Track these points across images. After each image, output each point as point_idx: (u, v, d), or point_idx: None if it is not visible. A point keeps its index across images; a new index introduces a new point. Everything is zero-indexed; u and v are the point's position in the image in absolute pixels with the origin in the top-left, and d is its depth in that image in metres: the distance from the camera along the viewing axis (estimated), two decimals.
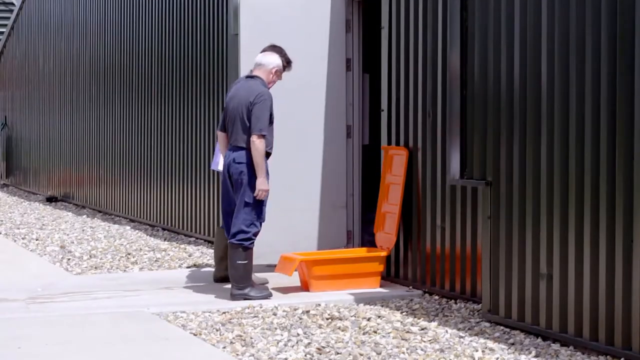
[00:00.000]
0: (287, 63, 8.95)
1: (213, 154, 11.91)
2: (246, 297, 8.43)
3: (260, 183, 8.45)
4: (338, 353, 6.64)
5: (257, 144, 8.43)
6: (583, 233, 6.60)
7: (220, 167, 8.97)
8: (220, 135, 8.86)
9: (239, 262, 8.47)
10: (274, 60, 8.77)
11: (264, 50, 8.94)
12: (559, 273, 6.82)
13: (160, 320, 7.78)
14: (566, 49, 6.76)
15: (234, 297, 8.47)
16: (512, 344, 6.90)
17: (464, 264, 8.31)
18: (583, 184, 6.61)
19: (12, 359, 6.57)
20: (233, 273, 8.50)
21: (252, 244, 8.52)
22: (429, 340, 7.01)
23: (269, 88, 8.67)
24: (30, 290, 9.02)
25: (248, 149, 8.50)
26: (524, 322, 7.17)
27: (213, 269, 9.72)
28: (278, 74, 8.79)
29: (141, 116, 14.59)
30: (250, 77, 8.76)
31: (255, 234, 8.51)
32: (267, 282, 8.88)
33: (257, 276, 8.94)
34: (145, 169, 14.47)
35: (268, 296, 8.48)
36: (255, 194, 8.45)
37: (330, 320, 7.68)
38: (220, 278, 9.22)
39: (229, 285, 9.09)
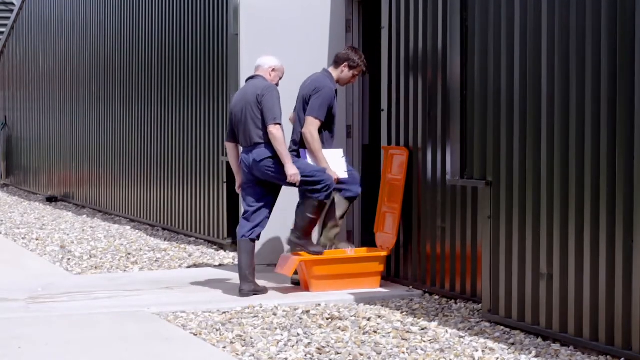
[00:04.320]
0: (365, 67, 9.18)
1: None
2: (304, 248, 8.76)
3: (289, 169, 8.56)
4: (338, 353, 6.65)
5: (275, 133, 8.54)
6: (583, 233, 6.61)
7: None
8: (229, 146, 8.94)
9: (309, 215, 8.73)
10: (270, 60, 8.87)
11: (345, 51, 9.17)
12: (559, 273, 6.82)
13: (160, 320, 7.78)
14: (566, 49, 6.76)
15: (289, 242, 8.87)
16: (513, 344, 6.90)
17: (464, 264, 8.31)
18: (583, 184, 6.61)
19: (12, 358, 6.57)
20: (299, 222, 8.80)
21: (328, 197, 8.73)
22: (429, 340, 7.01)
23: None
24: (31, 290, 9.02)
25: (266, 143, 8.60)
26: (524, 322, 7.18)
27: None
28: (277, 72, 8.86)
29: (141, 116, 14.59)
30: (251, 77, 8.87)
31: (328, 184, 8.69)
32: (266, 292, 8.81)
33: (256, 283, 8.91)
34: (145, 169, 14.47)
35: (321, 253, 8.80)
36: (288, 181, 8.62)
37: (330, 320, 7.68)
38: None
39: (229, 284, 9.12)
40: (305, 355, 6.61)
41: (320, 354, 6.63)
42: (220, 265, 10.54)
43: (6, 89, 23.47)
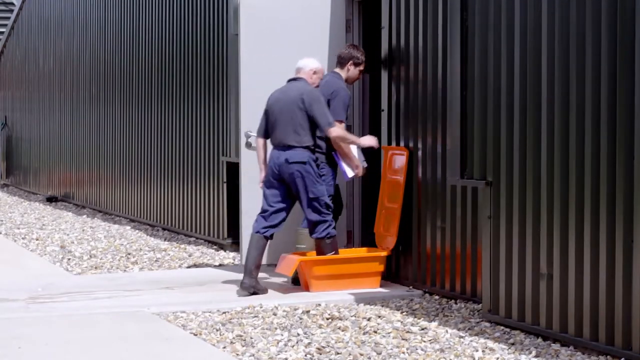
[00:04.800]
0: (363, 61, 9.37)
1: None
2: None
3: (363, 140, 8.95)
4: (338, 353, 6.64)
5: (337, 134, 8.79)
6: (583, 233, 6.61)
7: (352, 174, 9.12)
8: (260, 141, 9.00)
9: (329, 254, 8.79)
10: (311, 62, 9.02)
11: (347, 50, 9.36)
12: (559, 273, 6.82)
13: (161, 320, 7.78)
14: (566, 49, 6.76)
15: None
16: (513, 344, 6.90)
17: (464, 264, 8.31)
18: (583, 184, 6.61)
19: (12, 358, 6.57)
20: None
21: (334, 230, 8.84)
22: (429, 340, 7.01)
23: None
24: (31, 290, 9.02)
25: (301, 147, 8.73)
26: (524, 322, 7.17)
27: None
28: (318, 74, 9.02)
29: (141, 116, 14.59)
30: (293, 79, 8.98)
31: (332, 221, 8.84)
32: (266, 292, 8.82)
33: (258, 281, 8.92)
34: (145, 169, 14.47)
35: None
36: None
37: (330, 320, 7.68)
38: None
39: (229, 284, 9.11)
40: (305, 355, 6.61)
41: (320, 354, 6.63)
42: (221, 265, 10.54)
43: (6, 89, 23.47)
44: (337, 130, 8.78)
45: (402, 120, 9.11)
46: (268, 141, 8.98)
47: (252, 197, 9.64)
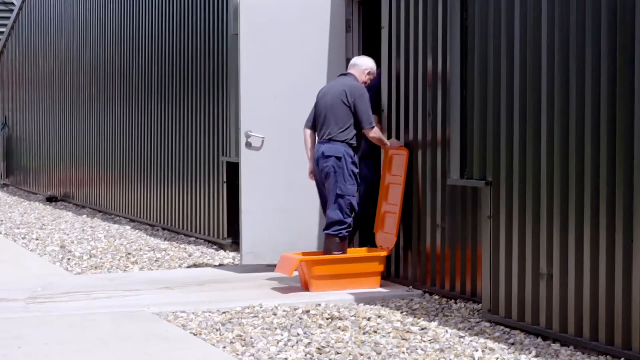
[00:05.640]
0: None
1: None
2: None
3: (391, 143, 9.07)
4: (338, 353, 6.64)
5: (374, 135, 8.95)
6: (583, 233, 6.61)
7: None
8: (307, 132, 9.19)
9: (336, 253, 8.87)
10: (368, 61, 9.23)
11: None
12: (559, 273, 6.82)
13: (160, 320, 7.78)
14: (566, 49, 6.76)
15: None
16: (513, 344, 6.90)
17: (464, 264, 8.31)
18: (583, 183, 6.61)
19: (12, 358, 6.57)
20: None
21: (348, 233, 8.96)
22: (429, 340, 7.01)
23: None
24: (31, 290, 9.02)
25: (339, 141, 8.89)
26: (524, 322, 7.18)
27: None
28: (371, 75, 9.20)
29: (141, 116, 14.60)
30: (344, 74, 9.16)
31: (351, 225, 8.94)
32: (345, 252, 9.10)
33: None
34: (145, 169, 14.47)
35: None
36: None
37: (330, 320, 7.68)
38: None
39: (230, 284, 9.11)
40: (306, 356, 6.61)
41: (321, 354, 6.63)
42: (221, 265, 10.54)
43: (6, 89, 23.47)
44: (376, 131, 8.97)
45: (402, 120, 9.11)
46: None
47: (252, 197, 9.65)
